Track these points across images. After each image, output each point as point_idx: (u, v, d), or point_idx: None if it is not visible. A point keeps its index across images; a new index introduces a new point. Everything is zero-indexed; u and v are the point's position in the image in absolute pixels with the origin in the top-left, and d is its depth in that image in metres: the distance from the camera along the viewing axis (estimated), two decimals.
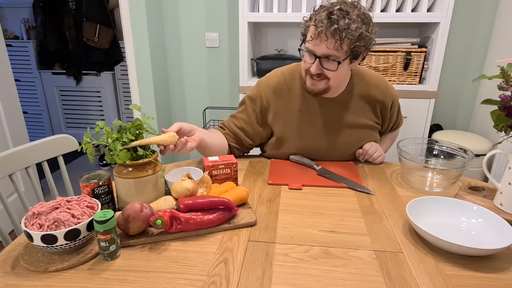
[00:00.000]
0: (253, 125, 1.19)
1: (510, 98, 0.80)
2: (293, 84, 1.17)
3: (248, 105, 1.19)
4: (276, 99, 1.17)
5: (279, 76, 1.18)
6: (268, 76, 1.21)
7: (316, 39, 0.97)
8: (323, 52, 0.98)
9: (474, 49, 2.20)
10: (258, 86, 1.19)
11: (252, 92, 1.20)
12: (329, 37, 0.95)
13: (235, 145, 1.21)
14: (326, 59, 1.00)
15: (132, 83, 2.33)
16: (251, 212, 0.85)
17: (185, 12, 2.39)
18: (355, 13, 0.95)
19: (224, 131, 1.22)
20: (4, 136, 1.94)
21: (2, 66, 1.91)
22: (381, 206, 0.91)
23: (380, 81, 1.18)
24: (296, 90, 1.16)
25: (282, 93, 1.17)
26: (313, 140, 1.18)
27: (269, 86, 1.18)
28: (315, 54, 1.00)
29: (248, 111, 1.19)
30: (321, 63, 1.01)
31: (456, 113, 2.35)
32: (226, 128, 1.22)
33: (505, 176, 0.85)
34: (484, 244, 0.72)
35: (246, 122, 1.19)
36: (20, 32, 3.39)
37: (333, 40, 0.95)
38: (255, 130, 1.20)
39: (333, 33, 0.94)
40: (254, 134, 1.20)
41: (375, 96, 1.16)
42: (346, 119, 1.16)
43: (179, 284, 0.63)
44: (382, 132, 1.28)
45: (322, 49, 0.98)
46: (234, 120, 1.22)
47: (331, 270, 0.67)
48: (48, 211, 0.70)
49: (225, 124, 1.23)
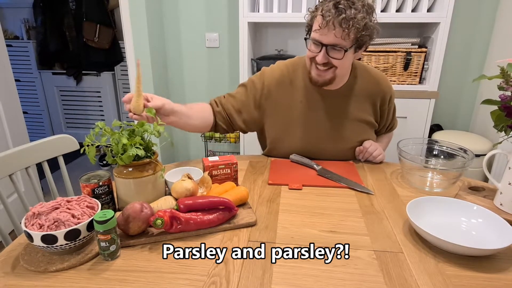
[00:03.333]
0: (250, 109, 1.20)
1: (510, 98, 0.80)
2: (295, 76, 1.19)
3: (249, 88, 1.20)
4: (278, 90, 1.18)
5: (282, 67, 1.20)
6: (272, 67, 1.22)
7: (324, 28, 0.99)
8: (331, 41, 1.00)
9: (474, 49, 2.20)
10: (262, 74, 1.21)
11: (255, 78, 1.21)
12: (337, 26, 0.97)
13: (222, 125, 1.20)
14: (332, 48, 1.02)
15: (132, 83, 2.33)
16: (251, 212, 0.85)
17: (185, 12, 2.39)
18: (360, 3, 0.98)
19: (218, 109, 1.19)
20: (4, 136, 1.94)
21: (2, 66, 1.91)
22: (381, 206, 0.91)
23: (381, 76, 1.20)
24: (298, 82, 1.18)
25: (285, 84, 1.19)
26: (314, 132, 1.19)
27: (273, 76, 1.19)
28: (322, 43, 1.02)
29: (248, 94, 1.20)
30: (327, 52, 1.03)
31: (456, 113, 2.35)
32: (220, 106, 1.20)
33: (505, 176, 0.85)
34: (484, 244, 0.72)
35: (245, 104, 1.20)
36: (20, 32, 3.39)
37: (340, 29, 0.97)
38: (250, 114, 1.20)
39: (341, 22, 0.96)
40: (248, 118, 1.21)
41: (376, 90, 1.18)
42: (346, 111, 1.18)
43: (179, 284, 0.63)
44: (378, 131, 1.30)
45: (330, 38, 1.00)
46: (232, 100, 1.20)
47: (331, 270, 0.67)
48: (48, 211, 0.70)
49: (221, 102, 1.21)
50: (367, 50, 1.95)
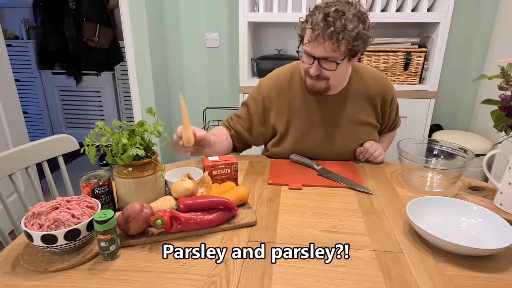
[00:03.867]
0: (258, 127, 1.22)
1: (510, 98, 0.80)
2: (293, 82, 1.18)
3: (251, 106, 1.21)
4: (278, 98, 1.19)
5: (279, 75, 1.20)
6: (269, 76, 1.22)
7: (314, 42, 0.98)
8: (321, 55, 0.99)
9: (474, 49, 2.20)
10: (260, 87, 1.21)
11: (253, 93, 1.22)
12: (326, 40, 0.95)
13: (238, 145, 1.26)
14: (324, 60, 1.00)
15: (132, 83, 2.33)
16: (251, 212, 0.85)
17: (185, 12, 2.39)
18: (351, 12, 0.95)
19: (231, 132, 1.24)
20: (4, 136, 1.94)
21: (2, 66, 1.91)
22: (381, 206, 0.91)
23: (380, 76, 1.19)
24: (297, 87, 1.18)
25: (283, 92, 1.18)
26: (314, 137, 1.18)
27: (271, 85, 1.19)
28: (313, 56, 1.01)
29: (251, 113, 1.21)
30: (320, 64, 1.02)
31: (456, 113, 2.34)
32: (232, 129, 1.24)
33: (505, 176, 0.85)
34: (484, 244, 0.72)
35: (252, 123, 1.22)
36: (20, 32, 3.39)
37: (330, 42, 0.95)
38: (259, 130, 1.23)
39: (330, 35, 0.94)
40: (258, 135, 1.24)
41: (375, 92, 1.17)
42: (346, 115, 1.17)
43: (179, 284, 0.63)
44: (381, 131, 1.29)
45: (320, 51, 0.99)
46: (240, 121, 1.24)
47: (331, 270, 0.67)
48: (48, 211, 0.70)
49: (230, 125, 1.25)
50: (367, 49, 1.96)
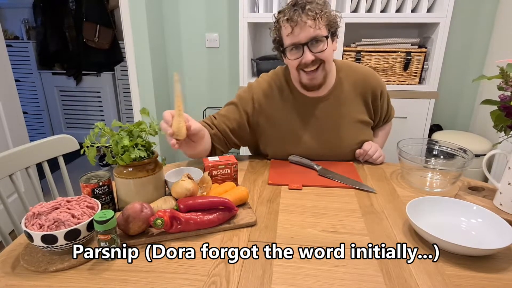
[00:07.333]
0: (244, 127, 1.17)
1: (510, 98, 0.80)
2: (282, 87, 1.17)
3: (240, 105, 1.16)
4: (269, 103, 1.17)
5: (269, 80, 1.19)
6: (258, 81, 1.20)
7: (296, 28, 1.00)
8: (307, 36, 1.01)
9: (474, 49, 2.20)
10: (250, 89, 1.18)
11: (243, 93, 1.18)
12: (308, 19, 1.00)
13: (219, 147, 1.16)
14: (313, 43, 1.02)
15: (132, 83, 2.33)
16: (251, 212, 0.85)
17: (185, 13, 2.39)
18: None
19: (213, 131, 1.14)
20: (4, 136, 1.94)
21: (2, 67, 1.91)
22: (381, 206, 0.91)
23: (368, 71, 1.19)
24: (286, 92, 1.17)
25: (274, 97, 1.17)
26: (310, 140, 1.17)
27: (261, 90, 1.17)
28: (301, 43, 1.02)
29: (240, 112, 1.16)
30: (310, 48, 1.03)
31: (456, 113, 2.35)
32: (216, 127, 1.15)
33: (505, 176, 0.85)
34: (484, 244, 0.72)
35: (238, 122, 1.16)
36: (20, 32, 3.39)
37: (311, 20, 1.00)
38: (245, 131, 1.18)
39: (308, 13, 1.00)
40: (242, 135, 1.19)
41: (364, 88, 1.17)
42: (339, 115, 1.17)
43: (179, 284, 0.63)
44: (375, 125, 1.29)
45: (306, 33, 1.01)
46: (225, 119, 1.16)
47: (331, 270, 0.67)
48: (48, 211, 0.70)
49: (214, 124, 1.15)
50: (367, 50, 1.96)
